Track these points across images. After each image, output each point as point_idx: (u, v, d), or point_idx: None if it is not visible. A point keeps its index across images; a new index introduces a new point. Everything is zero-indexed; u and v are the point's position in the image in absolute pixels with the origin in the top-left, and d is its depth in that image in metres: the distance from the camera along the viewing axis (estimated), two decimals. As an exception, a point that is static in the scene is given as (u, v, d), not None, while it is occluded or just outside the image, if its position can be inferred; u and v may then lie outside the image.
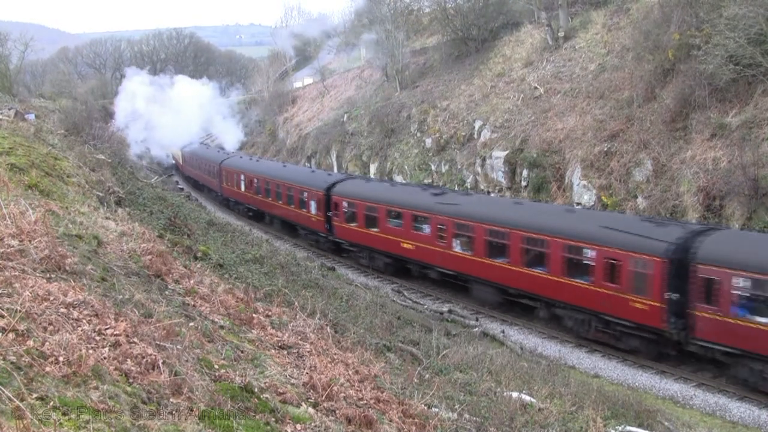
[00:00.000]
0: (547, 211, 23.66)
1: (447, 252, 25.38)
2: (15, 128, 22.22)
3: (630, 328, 19.59)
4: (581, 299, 20.69)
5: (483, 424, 9.27)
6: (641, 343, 19.70)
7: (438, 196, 27.03)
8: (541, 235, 21.58)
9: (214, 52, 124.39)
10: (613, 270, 19.52)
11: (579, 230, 20.74)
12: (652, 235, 18.95)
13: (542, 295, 22.13)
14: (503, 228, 22.97)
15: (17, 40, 58.37)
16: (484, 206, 25.24)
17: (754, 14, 23.41)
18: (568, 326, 21.75)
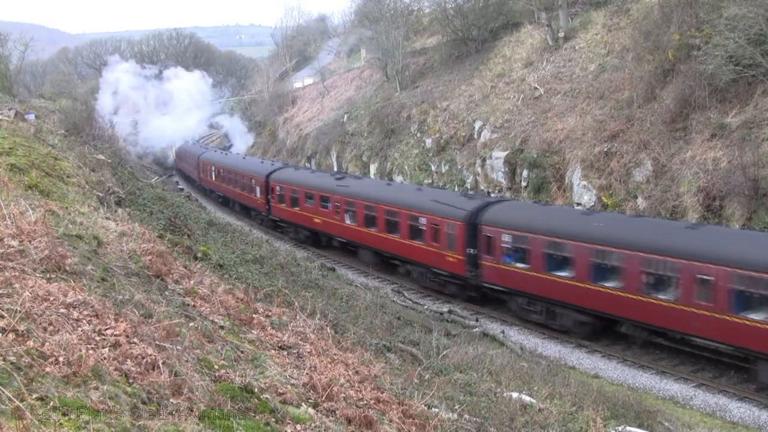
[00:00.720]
0: (401, 189, 31.18)
1: (341, 224, 31.54)
2: (15, 128, 22.23)
3: (448, 277, 25.38)
4: (419, 256, 26.55)
5: (483, 425, 9.27)
6: (457, 288, 25.50)
7: (338, 180, 33.29)
8: (395, 207, 27.66)
9: (214, 52, 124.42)
10: (436, 232, 25.25)
11: (417, 203, 26.86)
12: (459, 206, 24.74)
13: (399, 255, 27.98)
14: (373, 203, 29.14)
15: (17, 40, 58.37)
16: (363, 187, 31.53)
17: (754, 15, 23.42)
18: (414, 278, 27.67)
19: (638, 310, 18.68)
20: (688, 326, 17.75)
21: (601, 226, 20.34)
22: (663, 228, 19.43)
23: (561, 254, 20.75)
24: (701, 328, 17.29)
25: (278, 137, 65.30)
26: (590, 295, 19.83)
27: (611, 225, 20.41)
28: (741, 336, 16.47)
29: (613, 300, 19.21)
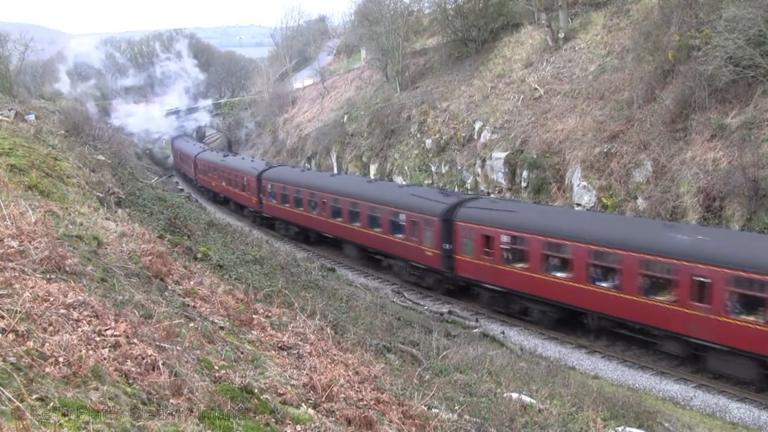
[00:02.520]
0: (382, 187, 31.78)
1: (328, 221, 33.44)
2: (15, 129, 22.24)
3: (426, 270, 26.93)
4: (400, 251, 27.97)
5: (483, 425, 9.27)
6: (434, 281, 26.91)
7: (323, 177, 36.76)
8: (377, 204, 29.29)
9: (214, 53, 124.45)
10: (414, 227, 26.75)
11: (397, 200, 28.38)
12: (438, 200, 26.23)
13: (381, 250, 29.68)
14: (358, 200, 30.60)
15: (17, 41, 58.35)
16: (348, 185, 33.55)
17: (753, 15, 23.43)
18: (395, 272, 29.17)
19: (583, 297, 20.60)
20: (619, 310, 19.71)
21: (555, 220, 22.21)
22: (606, 220, 22.15)
23: (520, 248, 22.66)
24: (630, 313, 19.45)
25: (278, 138, 65.31)
26: (545, 285, 21.65)
27: (563, 219, 22.24)
28: (646, 315, 18.98)
29: (562, 288, 21.10)
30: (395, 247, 28.17)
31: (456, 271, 25.23)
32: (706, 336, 17.73)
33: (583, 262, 20.19)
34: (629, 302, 19.15)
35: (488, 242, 23.52)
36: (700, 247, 17.86)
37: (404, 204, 27.62)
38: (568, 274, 20.80)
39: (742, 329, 16.86)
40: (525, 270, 22.27)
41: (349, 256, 32.62)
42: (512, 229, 22.81)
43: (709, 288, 17.34)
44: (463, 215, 24.65)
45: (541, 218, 22.46)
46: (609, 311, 19.92)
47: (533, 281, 22.04)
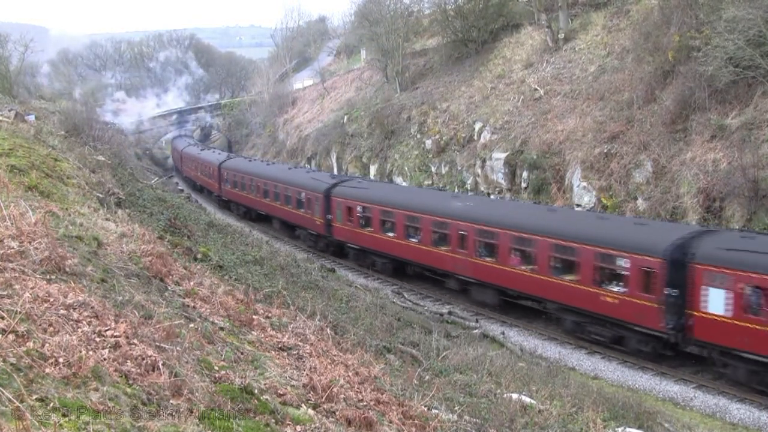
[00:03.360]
0: (296, 172, 39.51)
1: (261, 201, 40.79)
2: (15, 129, 22.24)
3: (317, 236, 34.00)
4: (303, 221, 35.03)
5: (483, 426, 9.27)
6: (322, 244, 33.61)
7: (260, 166, 44.29)
8: (290, 186, 36.51)
9: (214, 53, 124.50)
10: (310, 203, 33.73)
11: (301, 181, 35.68)
12: (322, 181, 33.54)
13: (293, 222, 36.72)
14: (280, 183, 37.98)
15: (17, 41, 58.36)
16: (276, 172, 40.65)
17: (753, 16, 23.43)
18: (302, 239, 35.91)
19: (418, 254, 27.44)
20: (423, 258, 26.93)
21: (388, 195, 30.12)
22: (417, 194, 30.91)
23: (368, 215, 29.81)
24: (464, 270, 25.00)
25: (278, 138, 65.32)
26: (383, 243, 29.12)
27: (393, 194, 30.37)
28: (435, 260, 26.35)
29: (403, 248, 28.01)
30: (300, 219, 35.42)
31: (333, 235, 32.35)
32: (467, 274, 24.75)
33: (402, 224, 27.61)
34: (427, 252, 26.48)
35: (350, 212, 30.59)
36: (465, 211, 25.07)
37: (305, 185, 35.03)
38: (395, 234, 28.12)
39: (487, 267, 23.69)
40: (371, 233, 29.54)
41: (276, 228, 39.94)
42: (364, 201, 29.95)
43: (467, 239, 24.30)
44: (337, 192, 31.74)
45: (380, 193, 30.41)
46: (418, 260, 27.26)
47: (376, 241, 29.29)
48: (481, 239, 23.83)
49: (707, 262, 17.38)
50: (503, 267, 23.02)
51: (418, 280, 28.23)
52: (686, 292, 17.91)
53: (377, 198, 29.42)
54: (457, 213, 25.11)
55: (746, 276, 16.49)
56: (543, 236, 21.43)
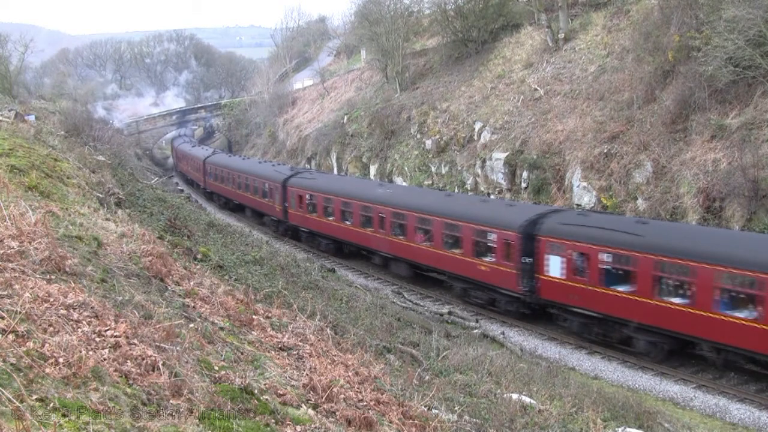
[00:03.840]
0: (256, 164, 46.14)
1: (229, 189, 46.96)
2: (15, 130, 22.24)
3: (278, 221, 38.71)
4: (267, 209, 39.76)
5: (483, 426, 9.27)
6: (282, 229, 38.25)
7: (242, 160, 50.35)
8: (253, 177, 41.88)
9: (214, 53, 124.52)
10: (272, 192, 38.37)
11: (263, 173, 40.86)
12: (279, 173, 38.27)
13: (258, 209, 41.79)
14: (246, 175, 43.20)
15: (17, 41, 58.40)
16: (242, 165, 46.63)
17: (753, 16, 23.43)
18: (267, 224, 40.37)
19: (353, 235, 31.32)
20: (377, 245, 29.47)
21: (330, 184, 34.56)
22: (348, 182, 36.77)
23: (314, 202, 34.09)
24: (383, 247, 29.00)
25: (278, 138, 65.31)
26: (326, 226, 33.21)
27: (334, 183, 35.12)
28: (364, 240, 30.35)
29: (340, 230, 32.01)
30: (265, 207, 40.07)
31: (289, 220, 36.85)
32: (386, 250, 28.70)
33: (338, 209, 31.80)
34: (357, 233, 30.52)
35: (300, 200, 35.04)
36: (384, 197, 28.95)
37: (268, 176, 39.55)
38: (334, 218, 32.26)
39: (401, 245, 27.70)
40: (317, 217, 33.77)
41: (248, 216, 44.28)
42: (311, 190, 34.31)
43: (385, 221, 28.26)
44: (291, 182, 36.30)
45: (323, 183, 34.66)
46: (351, 240, 31.35)
47: (320, 224, 33.65)
48: (395, 221, 27.95)
49: (548, 234, 21.29)
50: (411, 244, 27.21)
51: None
52: (535, 260, 21.69)
53: (320, 187, 33.86)
54: (378, 199, 29.18)
55: (573, 245, 20.45)
56: (438, 217, 25.64)
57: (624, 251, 19.16)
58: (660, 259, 18.24)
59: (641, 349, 19.57)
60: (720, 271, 16.81)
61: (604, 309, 20.00)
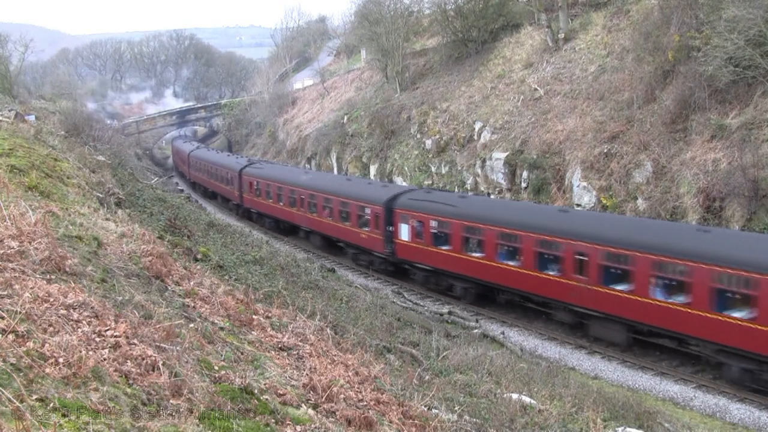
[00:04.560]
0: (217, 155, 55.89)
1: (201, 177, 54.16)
2: (15, 130, 22.24)
3: (236, 205, 45.99)
4: (229, 194, 46.66)
5: (483, 426, 9.27)
6: (240, 212, 45.24)
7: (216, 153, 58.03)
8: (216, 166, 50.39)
9: (214, 53, 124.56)
10: (232, 180, 45.15)
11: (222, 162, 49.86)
12: (236, 163, 45.99)
13: (222, 194, 49.71)
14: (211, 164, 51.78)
15: (17, 41, 58.41)
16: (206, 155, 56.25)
17: (753, 16, 23.42)
18: (230, 208, 48.09)
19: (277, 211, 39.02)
20: (300, 221, 36.27)
21: (269, 172, 41.36)
22: (289, 171, 42.52)
23: (260, 188, 40.99)
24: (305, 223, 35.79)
25: (278, 138, 65.31)
26: (266, 207, 40.27)
27: (275, 172, 41.26)
28: (296, 219, 36.43)
29: (277, 210, 38.75)
30: (228, 193, 46.75)
31: (244, 204, 43.53)
32: (306, 225, 35.52)
33: (275, 193, 37.72)
34: (288, 212, 36.46)
35: (251, 186, 41.82)
36: (307, 181, 35.24)
37: (230, 166, 46.19)
38: (272, 200, 38.65)
39: (315, 220, 34.00)
40: (262, 200, 40.77)
41: (219, 202, 50.90)
42: (258, 177, 40.94)
43: (304, 201, 34.41)
44: (245, 171, 42.79)
45: (267, 171, 41.48)
46: (285, 218, 37.89)
47: (264, 206, 40.46)
48: (310, 201, 34.13)
49: (400, 207, 27.42)
50: (321, 219, 33.32)
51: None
52: (393, 228, 27.59)
53: (265, 175, 40.48)
54: (302, 183, 35.42)
55: (414, 215, 26.56)
56: (334, 196, 32.01)
57: (445, 219, 24.97)
58: (469, 224, 24.01)
59: (458, 293, 25.35)
60: (494, 230, 23.16)
61: (435, 263, 25.87)
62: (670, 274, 18.00)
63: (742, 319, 16.54)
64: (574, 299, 20.76)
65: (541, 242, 21.69)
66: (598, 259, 19.73)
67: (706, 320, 17.17)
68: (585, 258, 20.17)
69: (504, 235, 22.86)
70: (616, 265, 19.37)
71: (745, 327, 16.52)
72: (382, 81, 52.30)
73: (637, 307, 18.80)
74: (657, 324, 18.66)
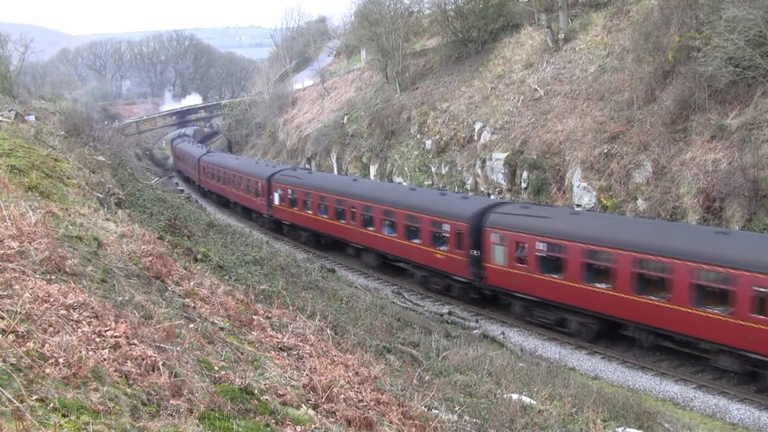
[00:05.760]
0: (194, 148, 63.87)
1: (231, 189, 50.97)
2: (15, 130, 22.24)
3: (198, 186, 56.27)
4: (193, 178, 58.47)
5: (483, 426, 9.27)
6: (201, 193, 54.95)
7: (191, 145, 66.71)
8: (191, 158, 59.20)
9: (214, 53, 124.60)
10: (195, 166, 56.28)
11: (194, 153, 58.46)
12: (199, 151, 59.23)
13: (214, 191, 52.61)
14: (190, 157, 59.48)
15: (17, 41, 58.42)
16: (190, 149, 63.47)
17: (754, 16, 23.42)
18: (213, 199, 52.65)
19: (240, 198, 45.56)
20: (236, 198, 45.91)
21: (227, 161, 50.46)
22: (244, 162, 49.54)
23: (212, 172, 50.58)
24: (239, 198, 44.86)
25: (278, 138, 65.30)
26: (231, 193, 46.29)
27: (228, 160, 50.82)
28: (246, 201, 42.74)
29: (224, 191, 47.27)
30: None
31: (201, 184, 52.29)
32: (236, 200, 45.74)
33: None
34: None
35: (204, 170, 51.68)
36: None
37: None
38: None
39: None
40: (214, 182, 49.69)
41: (189, 186, 58.85)
42: (211, 164, 49.71)
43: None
44: (202, 159, 52.45)
45: (217, 159, 50.00)
46: (226, 196, 46.62)
47: (215, 187, 48.68)
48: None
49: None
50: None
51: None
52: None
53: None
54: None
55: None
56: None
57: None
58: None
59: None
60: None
61: (335, 233, 31.59)
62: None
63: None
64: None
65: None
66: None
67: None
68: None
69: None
70: None
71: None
72: (382, 81, 52.30)
73: None
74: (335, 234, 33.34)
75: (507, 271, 22.65)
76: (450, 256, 24.56)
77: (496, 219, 23.11)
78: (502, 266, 22.83)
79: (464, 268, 24.06)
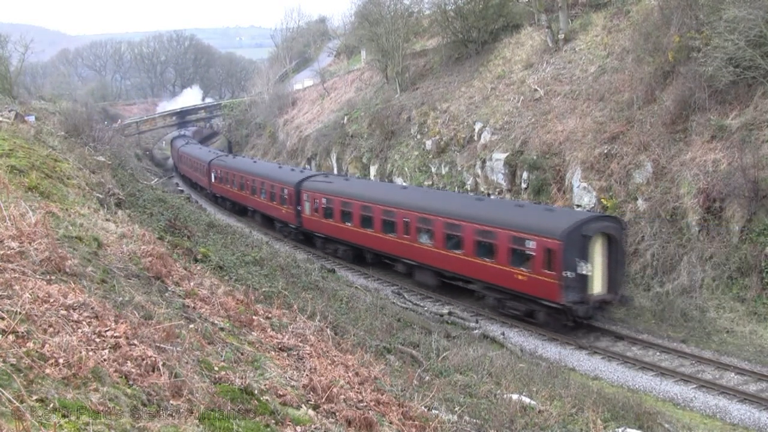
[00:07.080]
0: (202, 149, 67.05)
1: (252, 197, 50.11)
2: (15, 130, 22.23)
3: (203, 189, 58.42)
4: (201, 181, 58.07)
5: (483, 426, 9.27)
6: (211, 198, 54.97)
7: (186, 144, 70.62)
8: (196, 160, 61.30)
9: (214, 54, 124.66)
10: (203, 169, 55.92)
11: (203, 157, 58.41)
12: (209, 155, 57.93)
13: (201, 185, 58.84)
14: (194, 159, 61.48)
15: (17, 42, 58.40)
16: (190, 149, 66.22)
17: (754, 16, 23.43)
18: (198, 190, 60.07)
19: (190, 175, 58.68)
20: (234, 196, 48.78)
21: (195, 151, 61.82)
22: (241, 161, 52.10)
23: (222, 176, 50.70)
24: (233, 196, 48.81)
25: (278, 139, 65.30)
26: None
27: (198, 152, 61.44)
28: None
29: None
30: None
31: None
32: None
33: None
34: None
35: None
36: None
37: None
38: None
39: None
40: (222, 185, 50.64)
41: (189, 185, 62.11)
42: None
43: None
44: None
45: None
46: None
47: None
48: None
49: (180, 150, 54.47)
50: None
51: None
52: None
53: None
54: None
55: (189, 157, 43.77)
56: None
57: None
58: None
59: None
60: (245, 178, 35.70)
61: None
62: None
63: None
64: None
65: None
66: None
67: None
68: None
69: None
70: None
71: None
72: (382, 81, 52.30)
73: None
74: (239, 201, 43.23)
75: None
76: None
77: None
78: (215, 183, 52.82)
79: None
